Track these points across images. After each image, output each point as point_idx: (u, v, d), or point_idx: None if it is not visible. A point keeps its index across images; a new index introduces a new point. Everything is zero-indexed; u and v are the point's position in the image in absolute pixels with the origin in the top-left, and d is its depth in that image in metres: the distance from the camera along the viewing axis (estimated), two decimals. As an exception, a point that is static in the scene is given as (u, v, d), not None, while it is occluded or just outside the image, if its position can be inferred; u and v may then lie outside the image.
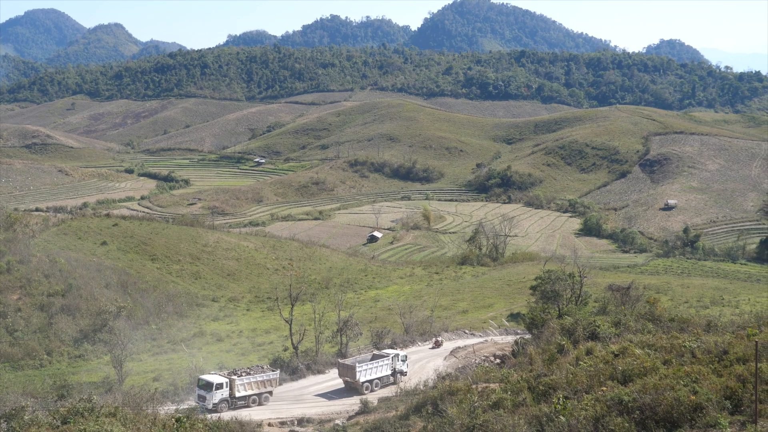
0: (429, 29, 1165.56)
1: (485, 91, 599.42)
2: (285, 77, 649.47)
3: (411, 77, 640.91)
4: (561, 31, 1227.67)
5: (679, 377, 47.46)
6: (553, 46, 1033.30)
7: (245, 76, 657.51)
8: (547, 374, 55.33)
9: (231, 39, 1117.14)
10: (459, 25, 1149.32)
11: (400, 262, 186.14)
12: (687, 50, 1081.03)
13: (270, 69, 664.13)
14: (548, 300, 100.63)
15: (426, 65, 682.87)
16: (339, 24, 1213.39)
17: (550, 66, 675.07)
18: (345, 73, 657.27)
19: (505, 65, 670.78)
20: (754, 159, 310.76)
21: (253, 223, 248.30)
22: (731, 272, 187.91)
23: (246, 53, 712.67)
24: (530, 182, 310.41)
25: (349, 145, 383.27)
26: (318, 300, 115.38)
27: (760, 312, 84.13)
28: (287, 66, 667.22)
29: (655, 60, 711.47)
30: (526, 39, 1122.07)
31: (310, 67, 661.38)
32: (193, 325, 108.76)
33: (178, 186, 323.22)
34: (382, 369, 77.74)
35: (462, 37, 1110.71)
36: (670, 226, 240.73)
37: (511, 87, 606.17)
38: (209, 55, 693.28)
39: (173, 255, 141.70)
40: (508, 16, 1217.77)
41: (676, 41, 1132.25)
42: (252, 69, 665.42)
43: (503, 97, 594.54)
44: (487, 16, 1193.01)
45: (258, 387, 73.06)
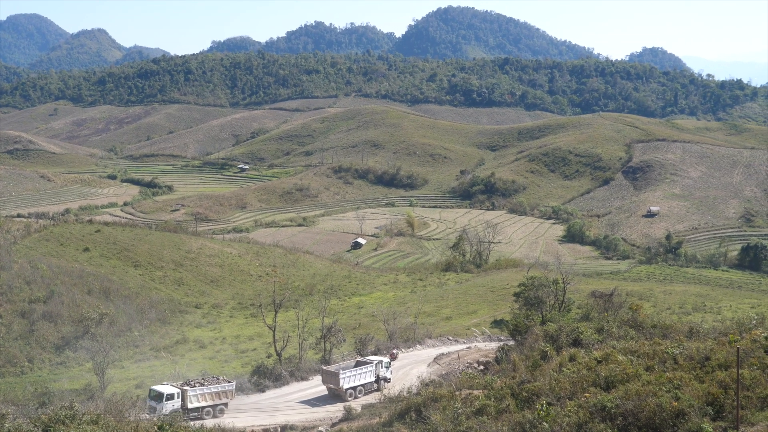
0: (413, 36, 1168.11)
1: (469, 98, 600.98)
2: (269, 83, 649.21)
3: (395, 84, 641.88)
4: (544, 38, 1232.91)
5: (661, 383, 47.66)
6: (537, 53, 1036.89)
7: (229, 82, 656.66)
8: (530, 381, 55.45)
9: (215, 45, 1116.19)
10: (443, 32, 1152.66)
11: (384, 269, 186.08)
12: (669, 58, 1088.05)
13: (254, 75, 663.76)
14: (532, 306, 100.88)
15: (410, 72, 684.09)
16: (323, 30, 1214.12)
17: (534, 73, 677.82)
18: (329, 79, 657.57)
19: (489, 72, 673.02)
20: (735, 166, 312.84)
21: (237, 229, 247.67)
22: (713, 279, 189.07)
23: (230, 59, 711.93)
24: (514, 189, 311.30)
25: (333, 152, 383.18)
26: (302, 307, 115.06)
27: (742, 318, 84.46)
28: (271, 72, 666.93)
29: (638, 68, 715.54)
30: (509, 46, 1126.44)
31: (295, 74, 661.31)
32: (176, 331, 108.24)
33: (162, 192, 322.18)
34: (365, 376, 77.59)
35: (446, 44, 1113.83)
36: (653, 233, 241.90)
37: (495, 94, 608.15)
38: (193, 61, 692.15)
39: (156, 261, 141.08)
40: (492, 24, 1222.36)
41: (659, 49, 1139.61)
42: (236, 75, 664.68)
43: (487, 104, 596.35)
44: (471, 24, 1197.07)
45: (212, 398, 70.47)
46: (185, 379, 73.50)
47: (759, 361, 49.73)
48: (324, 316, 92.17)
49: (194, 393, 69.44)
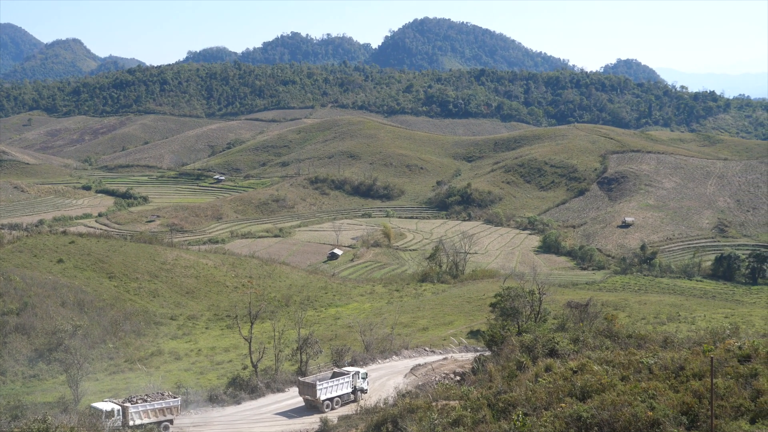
0: (390, 47, 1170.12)
1: (445, 109, 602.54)
2: (245, 94, 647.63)
3: (372, 95, 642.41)
4: (520, 50, 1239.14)
5: (636, 393, 47.93)
6: (513, 64, 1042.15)
7: (205, 93, 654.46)
8: (506, 391, 55.57)
9: (191, 55, 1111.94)
10: (419, 43, 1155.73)
11: (361, 280, 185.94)
12: (643, 70, 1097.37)
13: (230, 86, 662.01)
14: (508, 317, 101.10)
15: (387, 83, 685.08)
16: (300, 41, 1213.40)
17: (510, 84, 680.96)
18: (306, 90, 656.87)
19: (465, 83, 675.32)
20: (709, 177, 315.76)
21: (213, 240, 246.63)
22: (687, 289, 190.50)
23: (206, 70, 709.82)
24: (490, 200, 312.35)
25: (309, 163, 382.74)
26: (278, 318, 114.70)
27: (716, 328, 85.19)
28: (248, 83, 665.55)
29: (613, 79, 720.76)
30: (485, 57, 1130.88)
31: (271, 84, 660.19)
32: (151, 343, 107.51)
33: (137, 203, 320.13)
34: (342, 387, 77.44)
35: (422, 55, 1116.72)
36: (628, 244, 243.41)
37: (471, 105, 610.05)
38: (169, 72, 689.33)
39: (131, 273, 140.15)
40: (468, 35, 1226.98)
41: (633, 61, 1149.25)
42: (212, 85, 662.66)
43: (463, 115, 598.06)
44: (447, 35, 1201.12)
45: (156, 415, 68.09)
46: (127, 396, 71.85)
47: (733, 370, 50.15)
48: (300, 328, 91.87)
49: (136, 410, 67.22)
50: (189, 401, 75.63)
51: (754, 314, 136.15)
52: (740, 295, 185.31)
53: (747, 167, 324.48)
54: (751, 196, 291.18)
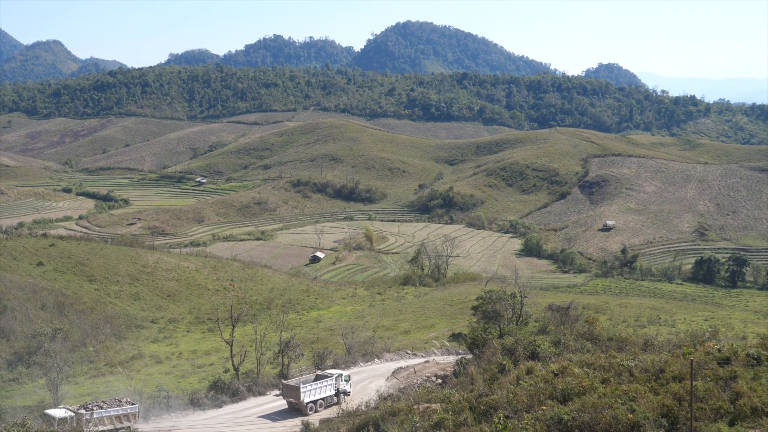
0: (372, 50, 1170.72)
1: (428, 113, 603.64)
2: (227, 96, 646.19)
3: (354, 98, 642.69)
4: (502, 54, 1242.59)
5: (617, 396, 48.13)
6: (495, 68, 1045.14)
7: (187, 95, 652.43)
8: (488, 394, 55.64)
9: (172, 57, 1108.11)
10: (402, 46, 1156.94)
11: (343, 283, 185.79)
12: (625, 74, 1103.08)
13: (212, 88, 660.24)
14: (489, 320, 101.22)
15: (369, 86, 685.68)
16: (282, 44, 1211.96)
17: (492, 88, 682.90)
18: (288, 93, 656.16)
19: (448, 87, 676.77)
20: (689, 181, 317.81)
21: (194, 243, 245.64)
22: (668, 292, 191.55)
23: (188, 72, 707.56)
24: (472, 203, 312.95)
25: (291, 166, 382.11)
26: (259, 321, 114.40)
27: (696, 331, 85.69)
28: (229, 85, 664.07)
29: (594, 83, 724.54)
30: (468, 61, 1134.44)
31: (253, 87, 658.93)
32: (132, 347, 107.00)
33: (118, 206, 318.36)
34: (326, 389, 77.36)
35: (405, 58, 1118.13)
36: (609, 247, 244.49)
37: (453, 108, 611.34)
38: (150, 74, 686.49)
39: (112, 276, 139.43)
40: (450, 39, 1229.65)
41: (614, 65, 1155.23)
42: (194, 88, 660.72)
43: (446, 118, 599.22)
44: (429, 39, 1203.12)
45: (112, 422, 66.06)
46: (83, 402, 70.29)
47: (712, 373, 50.45)
48: (282, 331, 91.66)
49: (90, 417, 65.12)
50: (170, 405, 75.28)
51: (733, 317, 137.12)
52: (720, 298, 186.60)
53: (727, 171, 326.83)
54: (731, 200, 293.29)
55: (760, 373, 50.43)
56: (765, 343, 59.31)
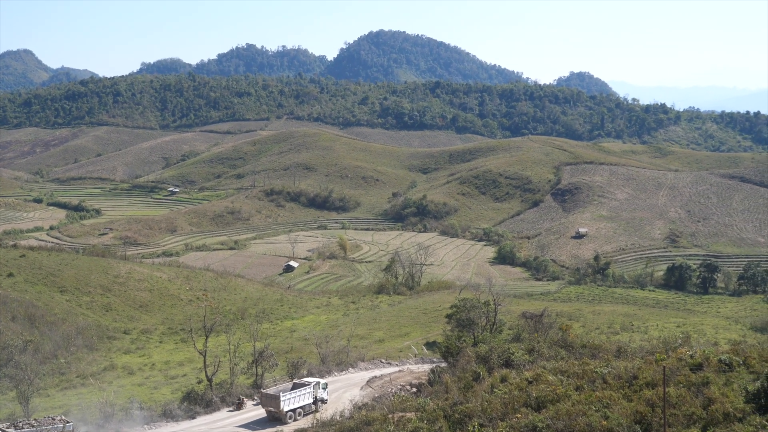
0: (345, 59, 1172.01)
1: (401, 121, 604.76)
2: (200, 106, 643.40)
3: (327, 107, 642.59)
4: (475, 62, 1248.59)
5: (590, 403, 48.29)
6: (467, 77, 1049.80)
7: (159, 105, 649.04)
8: (462, 402, 55.63)
9: (145, 67, 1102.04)
10: (375, 55, 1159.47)
11: (317, 292, 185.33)
12: (596, 83, 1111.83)
13: (185, 97, 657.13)
14: (464, 328, 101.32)
15: (342, 95, 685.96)
16: (255, 53, 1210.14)
17: (465, 97, 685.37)
18: (261, 102, 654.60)
19: (421, 96, 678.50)
20: (660, 188, 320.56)
21: (167, 253, 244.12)
22: (640, 299, 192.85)
23: (160, 81, 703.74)
24: (445, 211, 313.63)
25: (265, 175, 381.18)
26: (233, 331, 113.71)
27: (668, 337, 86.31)
28: (202, 94, 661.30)
29: (566, 92, 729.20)
30: (440, 70, 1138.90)
31: (226, 96, 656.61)
32: (104, 358, 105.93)
33: (89, 216, 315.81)
34: (304, 397, 77.27)
35: (378, 67, 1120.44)
36: (582, 254, 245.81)
37: (426, 117, 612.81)
38: (122, 83, 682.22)
39: (83, 286, 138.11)
40: (423, 48, 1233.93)
41: (586, 74, 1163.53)
42: (166, 97, 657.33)
43: (419, 127, 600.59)
44: (402, 47, 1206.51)
45: None
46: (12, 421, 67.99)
47: (685, 379, 50.76)
48: (256, 340, 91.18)
49: None
50: (143, 417, 74.54)
51: (705, 323, 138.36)
52: (692, 304, 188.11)
53: (697, 178, 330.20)
54: (702, 206, 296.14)
55: (731, 378, 50.84)
56: (736, 349, 59.84)
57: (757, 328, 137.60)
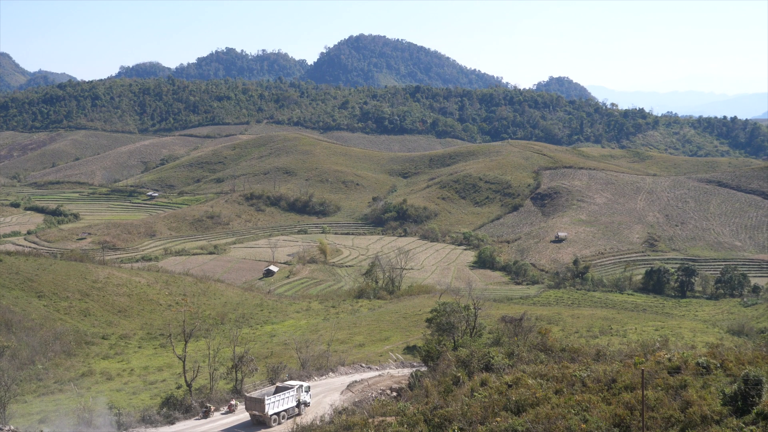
0: (325, 64, 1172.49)
1: (381, 126, 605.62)
2: (179, 110, 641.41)
3: (307, 111, 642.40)
4: (455, 67, 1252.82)
5: (570, 406, 48.48)
6: (447, 81, 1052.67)
7: (138, 108, 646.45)
8: (442, 406, 55.70)
9: (123, 70, 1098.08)
10: (355, 60, 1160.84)
11: (297, 297, 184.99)
12: (575, 87, 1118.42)
13: (164, 101, 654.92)
14: (444, 332, 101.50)
15: (322, 99, 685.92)
16: (234, 57, 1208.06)
17: (445, 101, 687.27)
18: (241, 106, 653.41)
19: (401, 100, 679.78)
20: (638, 193, 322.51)
21: (146, 258, 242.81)
22: (619, 302, 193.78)
23: (139, 85, 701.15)
24: (426, 215, 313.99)
25: (244, 179, 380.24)
26: (213, 336, 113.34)
27: (646, 341, 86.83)
28: (182, 98, 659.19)
29: (545, 97, 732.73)
30: (420, 74, 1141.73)
31: (205, 100, 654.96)
32: (82, 363, 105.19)
33: (67, 220, 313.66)
34: (288, 401, 77.27)
35: (358, 71, 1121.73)
36: (561, 258, 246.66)
37: (406, 121, 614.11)
38: (101, 87, 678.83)
39: (61, 291, 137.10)
40: (403, 52, 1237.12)
41: (565, 78, 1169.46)
42: (145, 101, 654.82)
43: (399, 131, 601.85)
44: (382, 52, 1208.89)
45: None
46: None
47: (663, 382, 51.08)
48: (235, 345, 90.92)
49: None
50: (121, 423, 74.10)
51: (683, 326, 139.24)
52: (670, 308, 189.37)
53: (675, 183, 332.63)
54: (679, 210, 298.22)
55: (709, 381, 51.22)
56: (714, 352, 60.27)
57: (734, 332, 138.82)
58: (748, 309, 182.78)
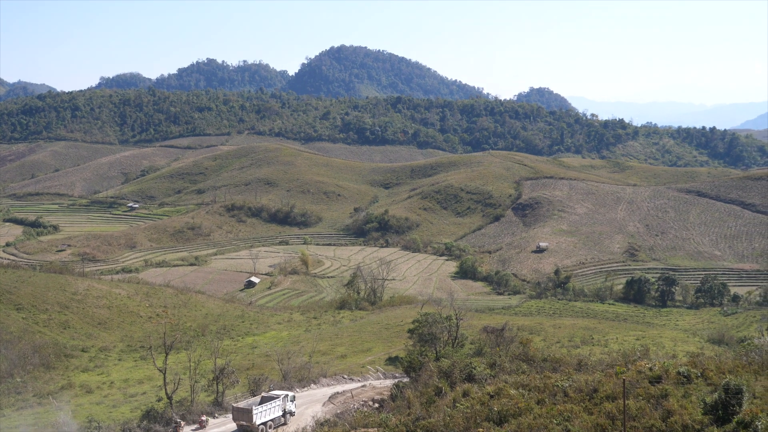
0: (307, 74, 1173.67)
1: (362, 136, 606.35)
2: (160, 120, 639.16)
3: (289, 122, 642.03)
4: (436, 78, 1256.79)
5: (552, 416, 48.50)
6: (429, 92, 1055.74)
7: (118, 119, 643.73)
8: (425, 417, 55.59)
9: (104, 81, 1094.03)
10: (336, 70, 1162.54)
11: (278, 308, 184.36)
12: (555, 98, 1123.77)
13: (144, 112, 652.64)
14: (426, 343, 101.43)
15: (304, 110, 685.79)
16: (215, 68, 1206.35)
17: (426, 112, 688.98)
18: (222, 117, 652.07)
19: (382, 111, 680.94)
20: (619, 203, 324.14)
21: (126, 269, 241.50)
22: (600, 312, 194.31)
23: (119, 96, 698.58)
24: (407, 226, 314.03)
25: (226, 190, 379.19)
26: (193, 348, 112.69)
27: (628, 350, 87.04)
28: (162, 109, 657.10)
29: (526, 107, 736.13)
30: (402, 85, 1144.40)
31: (186, 111, 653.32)
32: (61, 376, 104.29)
33: (47, 232, 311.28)
34: (274, 410, 77.47)
35: (339, 82, 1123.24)
36: (542, 268, 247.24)
37: (388, 132, 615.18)
38: (81, 98, 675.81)
39: (40, 304, 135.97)
40: (384, 63, 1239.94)
41: (545, 89, 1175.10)
42: (125, 112, 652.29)
43: (380, 142, 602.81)
44: (363, 63, 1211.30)
45: None
46: None
47: (644, 391, 51.20)
48: (216, 357, 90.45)
49: None
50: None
51: (663, 336, 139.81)
52: (650, 317, 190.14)
53: (655, 193, 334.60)
54: (660, 220, 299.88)
55: (690, 390, 51.38)
56: (694, 362, 60.51)
57: (715, 341, 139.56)
58: (728, 318, 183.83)
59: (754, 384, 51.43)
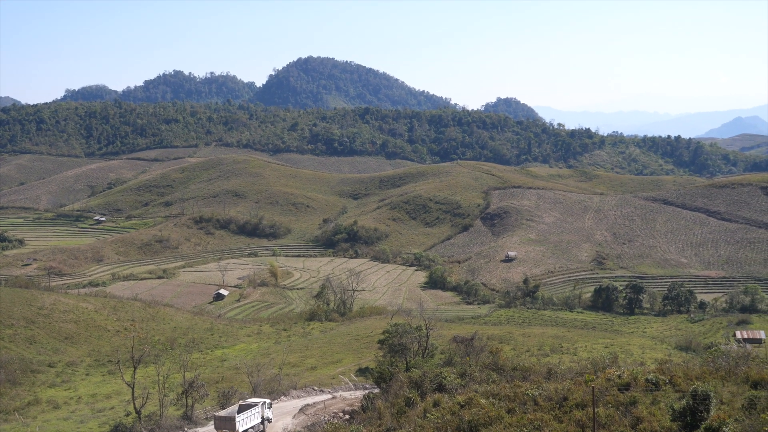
0: (274, 86, 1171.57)
1: (331, 147, 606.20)
2: (126, 133, 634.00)
3: (256, 133, 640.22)
4: (403, 89, 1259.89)
5: (522, 425, 48.67)
6: (396, 103, 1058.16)
7: (84, 132, 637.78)
8: (395, 428, 55.57)
9: (69, 94, 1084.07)
10: (304, 82, 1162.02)
11: (248, 320, 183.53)
12: (522, 108, 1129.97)
13: (110, 124, 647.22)
14: (396, 353, 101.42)
15: (272, 121, 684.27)
16: (182, 80, 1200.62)
17: (394, 123, 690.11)
18: (189, 128, 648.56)
19: (350, 122, 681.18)
20: (586, 211, 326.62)
21: (93, 283, 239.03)
22: (569, 320, 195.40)
23: (85, 108, 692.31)
24: (376, 237, 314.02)
25: (193, 202, 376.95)
26: (162, 362, 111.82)
27: (597, 358, 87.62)
28: (129, 121, 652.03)
29: (493, 117, 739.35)
30: (370, 96, 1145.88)
31: (153, 123, 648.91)
32: (28, 392, 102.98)
33: (12, 246, 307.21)
34: (254, 417, 78.38)
35: (307, 93, 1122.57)
36: (511, 278, 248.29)
37: (356, 143, 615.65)
38: (46, 110, 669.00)
39: (5, 319, 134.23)
40: (352, 74, 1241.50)
41: (512, 99, 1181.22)
42: (91, 124, 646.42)
43: (349, 152, 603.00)
44: (331, 74, 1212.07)
45: None
46: None
47: (613, 399, 51.55)
48: (185, 371, 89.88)
49: None
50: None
51: (632, 343, 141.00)
52: (619, 325, 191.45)
53: (622, 201, 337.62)
54: (627, 229, 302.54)
55: (658, 397, 51.82)
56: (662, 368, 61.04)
57: (682, 348, 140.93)
58: (695, 325, 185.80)
59: (722, 390, 52.00)
